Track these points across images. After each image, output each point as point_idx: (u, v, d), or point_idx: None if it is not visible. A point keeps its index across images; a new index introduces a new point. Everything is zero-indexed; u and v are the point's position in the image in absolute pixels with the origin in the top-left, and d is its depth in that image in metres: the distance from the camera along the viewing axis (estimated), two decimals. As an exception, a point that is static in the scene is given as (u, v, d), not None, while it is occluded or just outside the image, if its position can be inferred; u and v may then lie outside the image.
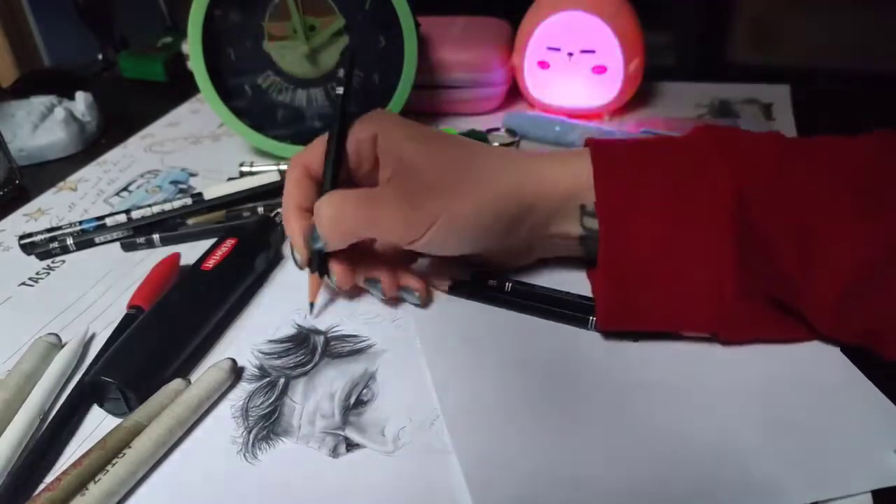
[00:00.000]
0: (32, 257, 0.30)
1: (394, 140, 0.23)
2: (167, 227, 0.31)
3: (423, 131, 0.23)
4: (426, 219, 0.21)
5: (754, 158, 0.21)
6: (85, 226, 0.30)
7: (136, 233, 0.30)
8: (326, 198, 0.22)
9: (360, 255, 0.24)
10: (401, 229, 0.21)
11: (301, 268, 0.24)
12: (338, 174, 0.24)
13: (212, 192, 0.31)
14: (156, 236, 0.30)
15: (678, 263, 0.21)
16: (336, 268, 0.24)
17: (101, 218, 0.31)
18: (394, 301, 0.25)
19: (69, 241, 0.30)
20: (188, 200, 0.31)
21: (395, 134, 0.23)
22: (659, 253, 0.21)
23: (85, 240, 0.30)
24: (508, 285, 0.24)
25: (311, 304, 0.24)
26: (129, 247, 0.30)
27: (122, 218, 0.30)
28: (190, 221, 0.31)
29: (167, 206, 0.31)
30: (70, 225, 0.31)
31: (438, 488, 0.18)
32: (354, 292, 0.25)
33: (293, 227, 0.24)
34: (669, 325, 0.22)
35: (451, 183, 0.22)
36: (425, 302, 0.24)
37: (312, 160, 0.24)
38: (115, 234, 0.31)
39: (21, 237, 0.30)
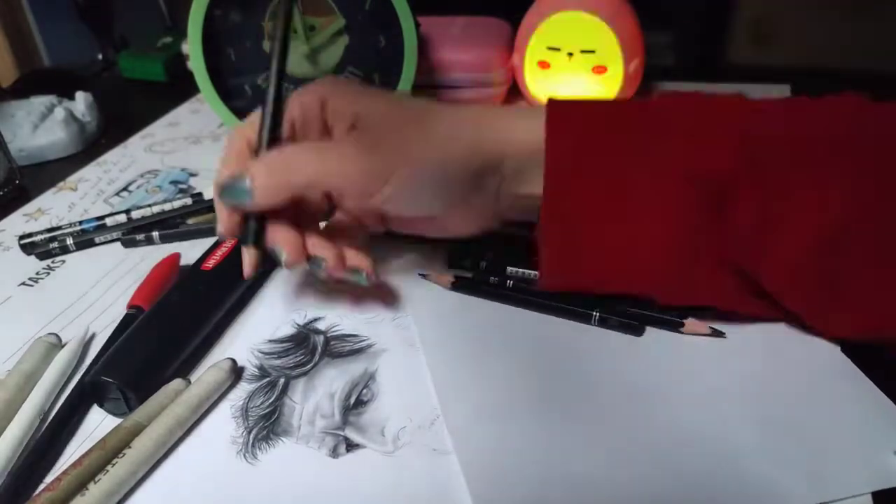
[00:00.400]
0: (32, 257, 0.30)
1: (348, 99, 0.21)
2: (167, 225, 0.31)
3: (378, 91, 0.22)
4: (385, 169, 0.19)
5: (711, 122, 0.20)
6: (85, 226, 0.30)
7: (136, 231, 0.30)
8: (270, 153, 0.20)
9: (306, 232, 0.22)
10: (357, 180, 0.19)
11: (222, 235, 0.22)
12: (277, 136, 0.21)
13: (211, 191, 0.32)
14: (155, 234, 0.30)
15: (624, 227, 0.21)
16: (282, 238, 0.21)
17: (101, 218, 0.31)
18: (337, 282, 0.22)
19: (69, 241, 0.30)
20: (188, 200, 0.31)
21: (348, 94, 0.21)
22: (602, 212, 0.21)
23: (85, 240, 0.30)
24: (510, 282, 0.24)
25: (249, 278, 0.22)
26: (128, 243, 0.30)
27: (122, 218, 0.31)
28: (189, 221, 0.31)
29: (167, 206, 0.31)
30: (70, 225, 0.31)
31: (438, 488, 0.18)
32: (338, 287, 0.23)
33: (216, 188, 0.21)
34: (613, 283, 0.21)
35: (410, 137, 0.20)
36: (371, 281, 0.22)
37: (252, 131, 0.21)
38: (114, 234, 0.31)
39: (21, 237, 0.30)
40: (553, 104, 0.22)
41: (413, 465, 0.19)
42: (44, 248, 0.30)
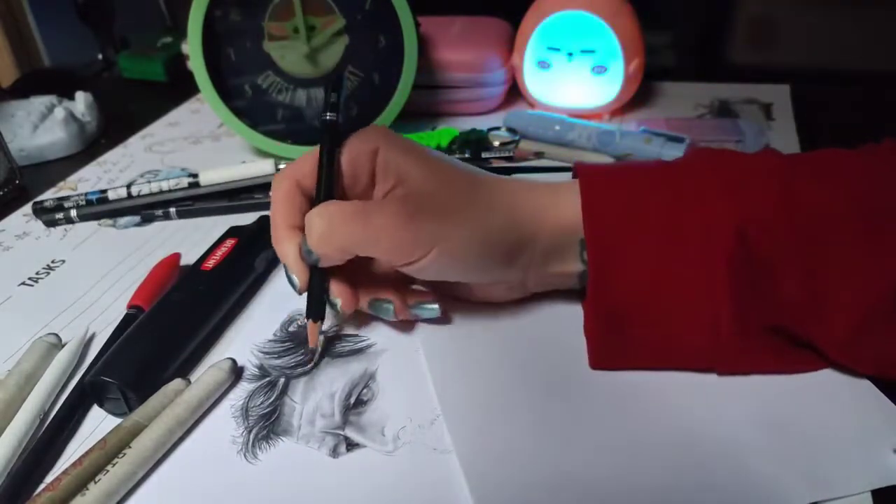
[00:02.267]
0: (32, 257, 0.30)
1: (397, 155, 0.21)
2: (169, 207, 0.32)
3: (426, 151, 0.22)
4: (424, 242, 0.20)
5: (756, 184, 0.20)
6: (90, 196, 0.32)
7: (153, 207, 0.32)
8: (318, 209, 0.20)
9: (360, 277, 0.22)
10: (396, 250, 0.20)
11: (300, 292, 0.22)
12: (332, 187, 0.22)
13: (209, 177, 0.33)
14: (172, 209, 0.32)
15: (671, 299, 0.20)
16: (337, 289, 0.22)
17: (104, 191, 0.32)
18: (406, 323, 0.23)
19: (73, 212, 0.32)
20: (184, 181, 0.33)
21: (398, 149, 0.21)
22: (650, 289, 0.20)
23: (89, 213, 0.32)
24: None
25: (313, 352, 0.22)
26: (147, 218, 0.32)
27: (123, 192, 0.32)
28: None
29: (165, 185, 0.32)
30: (77, 196, 0.33)
31: (438, 488, 0.18)
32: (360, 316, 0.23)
33: (286, 248, 0.21)
34: (663, 363, 0.21)
35: (452, 208, 0.20)
36: (442, 312, 0.23)
37: (304, 173, 0.22)
38: (115, 220, 0.32)
39: (34, 203, 0.33)
40: (586, 177, 0.21)
41: (413, 465, 0.19)
42: (51, 215, 0.32)
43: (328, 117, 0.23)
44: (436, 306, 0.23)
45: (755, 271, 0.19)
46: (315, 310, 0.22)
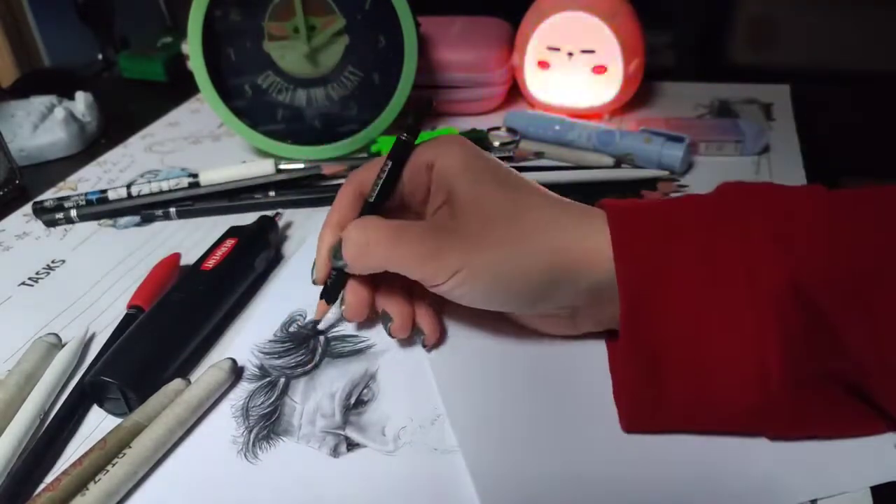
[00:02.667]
0: (32, 257, 0.30)
1: (449, 172, 0.21)
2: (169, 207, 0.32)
3: (482, 167, 0.21)
4: (448, 268, 0.19)
5: (803, 223, 0.18)
6: (90, 196, 0.32)
7: (153, 207, 0.32)
8: (356, 223, 0.21)
9: (382, 280, 0.22)
10: (420, 274, 0.20)
11: (315, 283, 0.23)
12: (386, 197, 0.22)
13: (209, 177, 0.33)
14: (172, 209, 0.32)
15: (712, 347, 0.18)
16: (350, 299, 0.22)
17: (104, 191, 0.32)
18: (404, 342, 0.23)
19: (73, 212, 0.32)
20: (184, 181, 0.33)
21: (452, 165, 0.21)
22: (690, 337, 0.18)
23: (89, 213, 0.32)
24: None
25: (315, 323, 0.24)
26: (147, 218, 0.32)
27: (123, 192, 0.32)
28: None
29: (164, 185, 0.32)
30: (77, 196, 0.33)
31: (439, 488, 0.18)
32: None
33: (324, 240, 0.23)
34: (706, 423, 0.18)
35: (483, 236, 0.19)
36: (430, 348, 0.22)
37: (367, 179, 0.23)
38: (115, 220, 0.32)
39: (34, 203, 0.33)
40: (616, 217, 0.19)
41: (414, 465, 0.19)
42: (51, 215, 0.32)
43: (404, 137, 0.23)
44: (424, 336, 0.22)
45: (810, 319, 0.17)
46: (328, 295, 0.23)
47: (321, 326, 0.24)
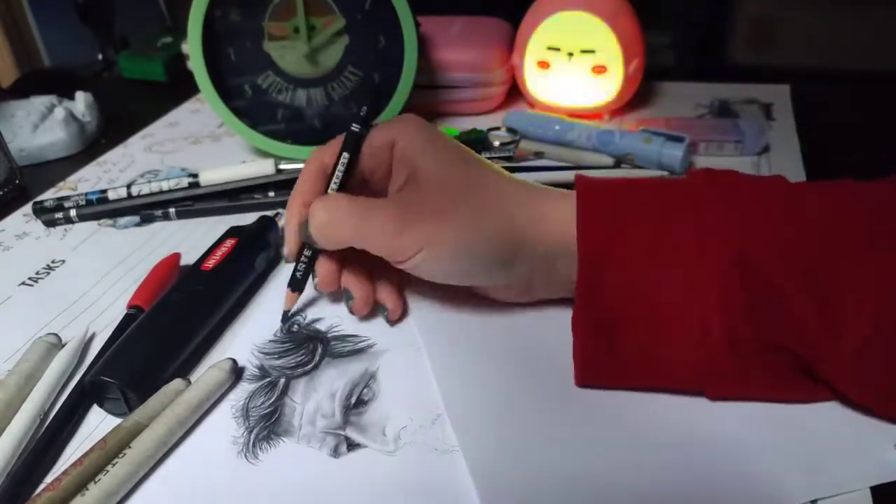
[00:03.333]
0: (32, 257, 0.30)
1: (412, 150, 0.22)
2: (169, 207, 0.33)
3: (441, 145, 0.22)
4: (412, 244, 0.20)
5: (759, 203, 0.19)
6: (90, 196, 0.32)
7: (152, 207, 0.32)
8: (322, 201, 0.22)
9: (351, 257, 0.23)
10: (387, 251, 0.21)
11: (287, 260, 0.24)
12: (348, 176, 0.23)
13: (209, 177, 0.33)
14: (172, 210, 0.32)
15: (659, 308, 0.19)
16: (321, 268, 0.23)
17: (104, 191, 0.32)
18: (404, 325, 0.23)
19: (73, 212, 0.32)
20: (184, 181, 0.33)
21: (414, 144, 0.22)
22: (638, 297, 0.19)
23: (88, 213, 0.32)
24: None
25: (285, 313, 0.24)
26: (147, 218, 0.32)
27: (123, 192, 0.32)
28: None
29: (165, 185, 0.32)
30: (77, 195, 0.33)
31: (439, 487, 0.18)
32: (336, 294, 0.24)
33: (292, 219, 0.23)
34: (650, 380, 0.20)
35: (445, 209, 0.20)
36: (393, 322, 0.23)
37: (328, 158, 0.24)
38: (114, 220, 0.32)
39: (34, 202, 0.33)
40: (583, 185, 0.21)
41: (414, 465, 0.19)
42: (50, 215, 0.32)
43: (356, 128, 0.24)
44: (387, 311, 0.23)
45: (754, 292, 0.18)
46: (295, 283, 0.24)
47: (323, 327, 0.24)
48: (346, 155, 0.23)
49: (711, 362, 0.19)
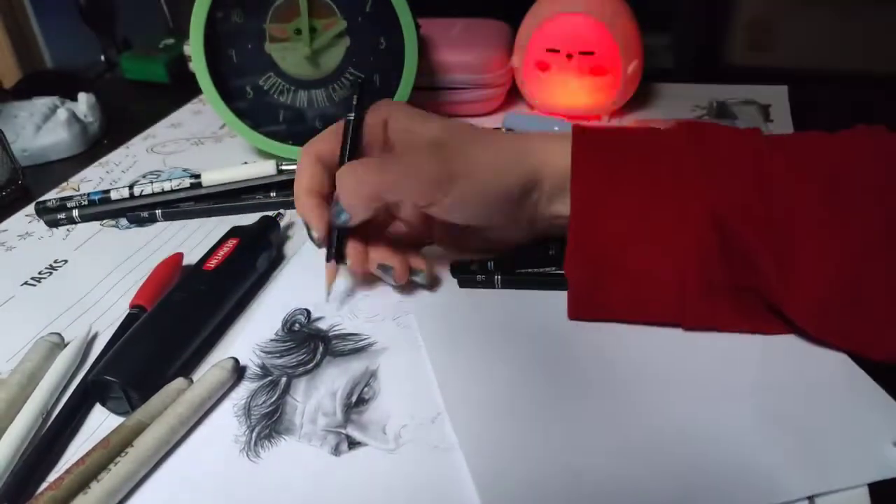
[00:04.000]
0: (35, 257, 0.30)
1: (406, 120, 0.24)
2: (170, 207, 0.33)
3: (430, 114, 0.24)
4: (448, 178, 0.22)
5: (732, 166, 0.21)
6: (92, 196, 0.32)
7: (141, 209, 0.33)
8: (346, 165, 0.23)
9: (373, 242, 0.25)
10: (424, 187, 0.22)
11: (319, 245, 0.24)
12: (355, 153, 0.24)
13: (211, 177, 0.33)
14: (158, 212, 0.32)
15: (643, 256, 0.22)
16: (351, 250, 0.24)
17: (107, 191, 0.33)
18: (405, 287, 0.25)
19: (76, 213, 0.32)
20: (187, 182, 0.33)
21: (405, 116, 0.24)
22: (627, 243, 0.22)
23: (90, 213, 0.32)
24: (497, 279, 0.25)
25: (328, 291, 0.25)
26: (133, 219, 0.32)
27: (126, 192, 0.32)
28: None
29: (167, 186, 0.33)
30: (79, 196, 0.33)
31: (440, 485, 0.18)
32: (367, 279, 0.25)
33: (306, 204, 0.24)
34: (635, 315, 0.22)
35: (467, 147, 0.22)
36: (430, 282, 0.25)
37: (324, 148, 0.25)
38: (117, 221, 0.32)
39: (36, 203, 0.33)
40: (578, 135, 0.23)
41: (415, 463, 0.19)
42: (53, 215, 0.32)
43: (351, 117, 0.25)
44: (423, 273, 0.25)
45: (725, 244, 0.21)
46: (336, 254, 0.24)
47: (324, 326, 0.24)
48: (347, 145, 0.24)
49: (686, 305, 0.21)
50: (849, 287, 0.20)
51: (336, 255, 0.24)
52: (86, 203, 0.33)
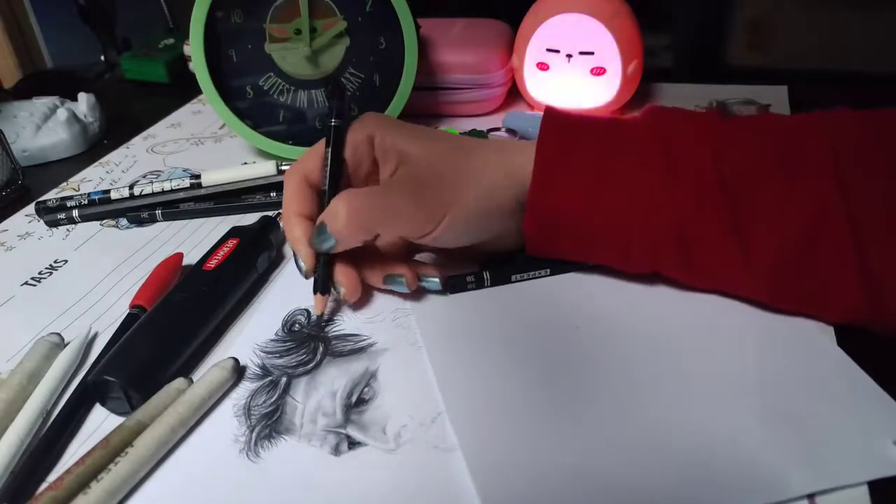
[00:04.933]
0: (35, 257, 0.30)
1: (392, 138, 0.24)
2: (169, 207, 0.33)
3: (418, 129, 0.24)
4: (439, 210, 0.22)
5: (689, 142, 0.22)
6: (92, 196, 0.33)
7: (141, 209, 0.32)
8: (340, 197, 0.22)
9: (364, 259, 0.24)
10: (416, 221, 0.22)
11: (306, 276, 0.24)
12: (339, 178, 0.24)
13: (211, 178, 0.33)
14: (158, 212, 0.32)
15: (592, 228, 0.23)
16: (342, 280, 0.24)
17: (107, 191, 0.33)
18: (415, 293, 0.25)
19: (76, 212, 0.32)
20: (187, 182, 0.33)
21: (392, 133, 0.24)
22: (580, 211, 0.22)
23: (90, 213, 0.32)
24: (487, 280, 0.25)
25: (318, 317, 0.24)
26: (133, 220, 0.32)
27: (126, 192, 0.33)
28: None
29: (167, 186, 0.33)
30: (80, 195, 0.33)
31: (440, 485, 0.18)
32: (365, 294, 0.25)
33: (295, 232, 0.24)
34: (584, 260, 0.24)
35: (454, 175, 0.22)
36: (444, 284, 0.25)
37: (310, 168, 0.24)
38: (117, 221, 0.32)
39: (37, 202, 0.33)
40: (548, 113, 0.24)
41: (415, 463, 0.19)
42: (53, 215, 0.32)
43: (334, 123, 0.24)
44: (436, 279, 0.24)
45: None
46: (320, 287, 0.24)
47: (325, 317, 0.24)
48: (329, 150, 0.24)
49: (632, 254, 0.23)
50: (802, 251, 0.20)
51: (323, 286, 0.24)
52: (86, 203, 0.33)
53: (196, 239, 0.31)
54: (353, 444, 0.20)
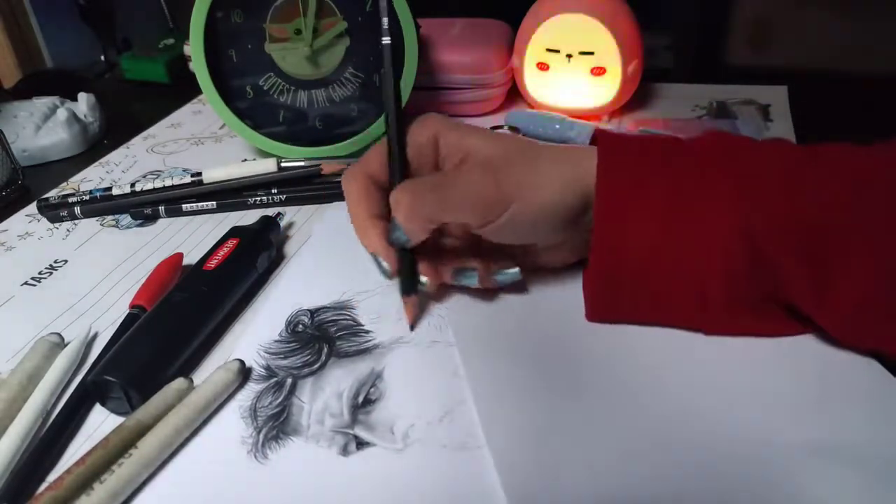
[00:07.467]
0: (35, 257, 0.30)
1: (458, 136, 0.23)
2: (173, 204, 0.33)
3: (481, 129, 0.23)
4: (502, 201, 0.21)
5: (763, 177, 0.21)
6: (94, 192, 0.32)
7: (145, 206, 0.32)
8: (400, 186, 0.22)
9: (440, 254, 0.24)
10: (479, 210, 0.21)
11: (390, 277, 0.23)
12: (406, 171, 0.23)
13: (213, 175, 0.33)
14: (161, 208, 0.32)
15: (665, 274, 0.21)
16: (424, 268, 0.23)
17: (108, 188, 0.33)
18: (490, 290, 0.24)
19: (77, 209, 0.32)
20: (188, 178, 0.33)
21: (456, 131, 0.23)
22: (649, 258, 0.21)
23: (92, 208, 0.32)
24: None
25: (412, 326, 0.23)
26: (136, 216, 0.32)
27: (127, 189, 0.33)
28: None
29: (168, 182, 0.33)
30: (82, 193, 0.33)
31: (449, 484, 0.18)
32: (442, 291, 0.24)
33: (372, 235, 0.23)
34: (654, 322, 0.22)
35: (521, 172, 0.22)
36: (520, 277, 0.23)
37: (374, 168, 0.24)
38: (118, 218, 0.33)
39: (39, 200, 0.33)
40: (604, 142, 0.22)
41: (423, 462, 0.19)
42: (55, 211, 0.32)
43: (386, 40, 0.24)
44: (516, 270, 0.23)
45: (755, 260, 0.20)
46: (406, 287, 0.23)
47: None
48: (394, 143, 0.23)
49: (707, 318, 0.21)
50: (883, 297, 0.19)
51: (410, 285, 0.23)
52: (87, 199, 0.32)
53: (196, 239, 0.31)
54: (361, 444, 0.19)
